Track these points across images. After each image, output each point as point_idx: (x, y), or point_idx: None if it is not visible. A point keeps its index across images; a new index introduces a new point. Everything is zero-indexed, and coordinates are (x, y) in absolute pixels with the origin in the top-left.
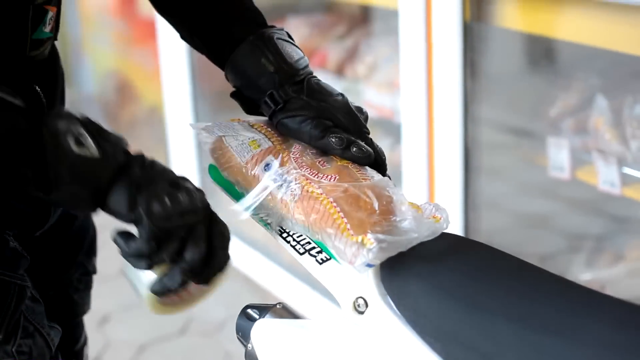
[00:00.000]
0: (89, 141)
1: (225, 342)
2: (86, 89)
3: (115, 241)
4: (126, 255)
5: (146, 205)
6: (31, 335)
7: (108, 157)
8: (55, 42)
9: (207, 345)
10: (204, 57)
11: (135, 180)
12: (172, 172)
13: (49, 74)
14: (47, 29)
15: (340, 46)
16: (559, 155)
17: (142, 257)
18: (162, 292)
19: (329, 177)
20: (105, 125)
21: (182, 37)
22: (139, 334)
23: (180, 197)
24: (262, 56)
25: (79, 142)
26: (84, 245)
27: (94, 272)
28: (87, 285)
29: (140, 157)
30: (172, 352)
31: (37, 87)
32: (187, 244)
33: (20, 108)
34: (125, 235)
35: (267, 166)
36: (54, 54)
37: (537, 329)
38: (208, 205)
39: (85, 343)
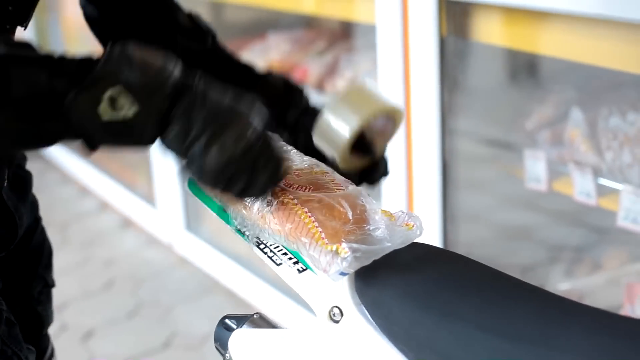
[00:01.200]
0: (125, 100)
1: (209, 356)
2: None
3: None
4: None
5: (198, 166)
6: (10, 358)
7: (147, 111)
8: None
9: (190, 359)
10: None
11: (193, 124)
12: (223, 102)
13: None
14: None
15: (320, 61)
16: (535, 167)
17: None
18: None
19: (304, 187)
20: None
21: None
22: (123, 348)
23: (230, 141)
24: None
25: (114, 106)
26: (43, 259)
27: (53, 285)
28: (49, 298)
29: (189, 92)
30: None
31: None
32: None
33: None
34: None
35: None
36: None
37: (510, 338)
38: (261, 132)
39: (52, 354)
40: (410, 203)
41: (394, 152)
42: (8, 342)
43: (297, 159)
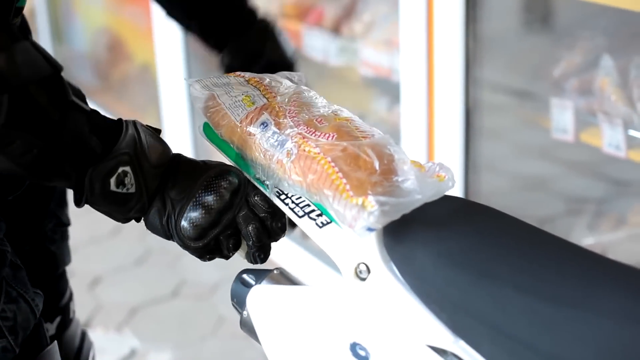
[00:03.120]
0: (130, 179)
1: (219, 305)
2: (77, 47)
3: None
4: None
5: (179, 232)
6: (15, 300)
7: (141, 191)
8: None
9: (199, 308)
10: None
11: (166, 202)
12: (203, 173)
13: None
14: None
15: (336, 3)
16: (562, 117)
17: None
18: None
19: (327, 135)
20: (97, 84)
21: (173, 16)
22: (131, 296)
23: (211, 202)
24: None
25: (120, 182)
26: (55, 195)
27: (68, 223)
28: (63, 236)
29: (173, 170)
30: (164, 315)
31: None
32: (235, 236)
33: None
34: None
35: (263, 125)
36: (24, 22)
37: (548, 299)
38: (240, 187)
39: (70, 298)
40: (430, 152)
41: (415, 99)
42: (13, 283)
43: (319, 104)
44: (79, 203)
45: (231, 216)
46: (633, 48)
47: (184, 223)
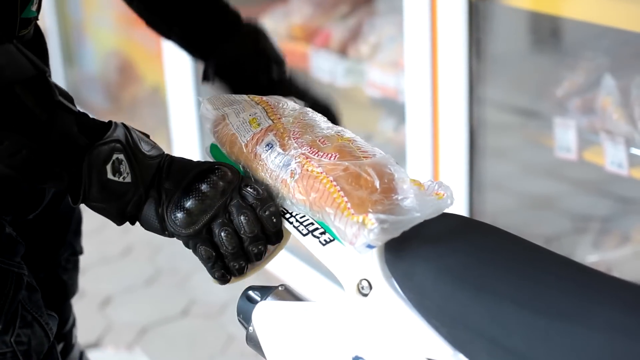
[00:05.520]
0: (125, 168)
1: (228, 324)
2: (88, 69)
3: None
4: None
5: (172, 222)
6: (29, 324)
7: (137, 181)
8: (37, 22)
9: (209, 327)
10: None
11: (161, 193)
12: (196, 166)
13: (37, 52)
14: (34, 7)
15: (343, 25)
16: (565, 136)
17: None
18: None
19: (329, 155)
20: (108, 106)
21: (153, 23)
22: (141, 316)
23: (203, 189)
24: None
25: (116, 170)
26: (72, 225)
27: (81, 252)
28: (75, 266)
29: (167, 163)
30: (174, 334)
31: None
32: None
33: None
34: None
35: (269, 146)
36: (39, 33)
37: (545, 313)
38: (232, 177)
39: (73, 324)
40: (436, 171)
41: (421, 119)
42: (28, 307)
43: (322, 125)
44: (76, 200)
45: (222, 204)
46: (634, 68)
47: (177, 212)
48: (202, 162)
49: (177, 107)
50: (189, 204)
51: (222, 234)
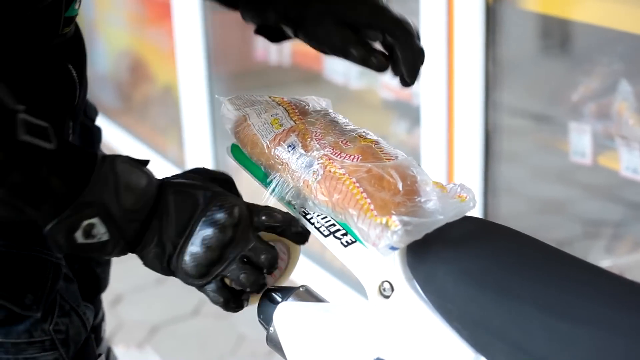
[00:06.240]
0: (99, 229)
1: (238, 324)
2: (100, 69)
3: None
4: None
5: (182, 270)
6: (67, 314)
7: (117, 237)
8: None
9: (220, 327)
10: (219, 38)
11: (166, 245)
12: (197, 203)
13: (77, 50)
14: (77, 5)
15: None
16: (580, 141)
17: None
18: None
19: (352, 157)
20: (120, 106)
21: None
22: (152, 314)
23: (210, 236)
24: None
25: (88, 234)
26: None
27: None
28: (108, 260)
29: (164, 206)
30: (184, 333)
31: (69, 66)
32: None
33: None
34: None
35: (291, 147)
36: (78, 31)
37: (568, 318)
38: (241, 218)
39: (103, 318)
40: (450, 174)
41: (435, 122)
42: (66, 297)
43: (345, 126)
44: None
45: (236, 251)
46: None
47: (186, 265)
48: (198, 188)
49: (189, 107)
50: (199, 256)
51: (242, 276)
